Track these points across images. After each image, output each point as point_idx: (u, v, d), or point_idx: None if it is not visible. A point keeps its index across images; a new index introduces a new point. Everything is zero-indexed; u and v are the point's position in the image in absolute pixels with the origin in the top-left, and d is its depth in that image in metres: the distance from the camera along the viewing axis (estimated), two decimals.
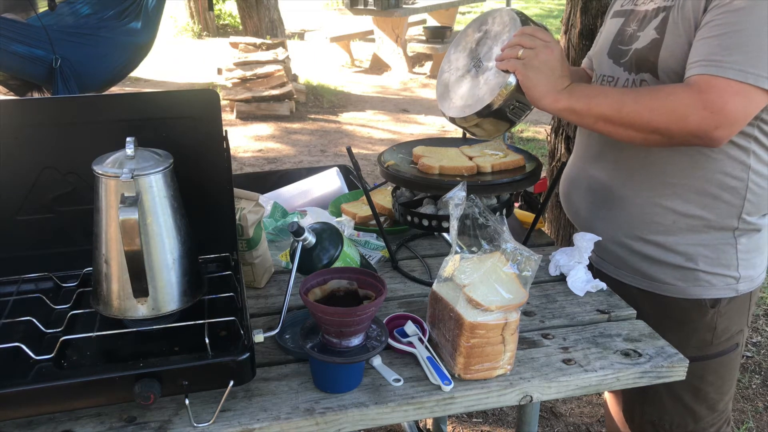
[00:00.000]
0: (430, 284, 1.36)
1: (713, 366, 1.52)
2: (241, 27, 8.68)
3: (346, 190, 2.10)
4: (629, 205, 1.48)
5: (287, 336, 1.29)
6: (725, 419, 1.59)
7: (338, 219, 1.79)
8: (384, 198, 1.83)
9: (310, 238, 1.29)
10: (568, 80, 1.35)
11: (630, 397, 1.63)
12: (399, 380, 1.18)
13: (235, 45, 7.24)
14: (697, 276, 1.45)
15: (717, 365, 1.52)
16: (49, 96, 4.61)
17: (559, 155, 3.00)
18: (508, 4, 4.22)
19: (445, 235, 1.73)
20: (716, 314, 1.47)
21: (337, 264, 1.31)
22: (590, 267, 1.62)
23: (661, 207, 1.44)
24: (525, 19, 1.43)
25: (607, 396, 1.84)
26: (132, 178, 1.09)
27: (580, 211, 1.63)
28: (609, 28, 1.58)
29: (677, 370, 1.25)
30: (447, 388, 1.16)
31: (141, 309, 1.15)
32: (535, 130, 6.36)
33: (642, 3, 1.48)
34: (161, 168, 1.15)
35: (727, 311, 1.47)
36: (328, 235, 1.33)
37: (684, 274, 1.46)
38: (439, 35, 8.30)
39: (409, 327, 1.30)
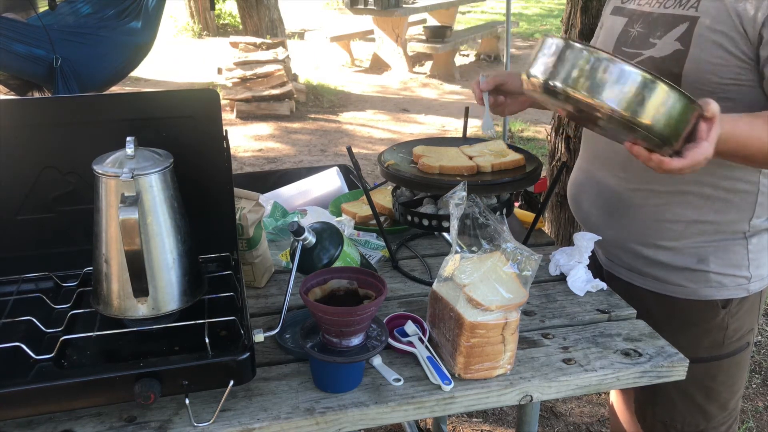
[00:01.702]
0: (430, 284, 1.36)
1: (725, 365, 1.51)
2: (241, 26, 8.68)
3: (346, 190, 2.10)
4: (640, 212, 1.47)
5: (287, 336, 1.30)
6: (735, 417, 1.59)
7: (338, 218, 1.79)
8: (384, 198, 1.83)
9: (310, 238, 1.30)
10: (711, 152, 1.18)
11: (641, 398, 1.62)
12: (399, 380, 1.18)
13: (235, 45, 7.23)
14: (708, 277, 1.44)
15: (729, 365, 1.51)
16: (50, 96, 4.61)
17: (559, 155, 3.00)
18: (508, 3, 4.20)
19: (445, 234, 1.73)
20: (727, 315, 1.46)
21: (338, 264, 1.31)
22: (599, 269, 1.62)
23: (672, 214, 1.43)
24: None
25: (614, 398, 1.84)
26: (132, 177, 1.09)
27: (590, 216, 1.61)
28: (610, 26, 1.53)
29: (677, 369, 1.25)
30: (447, 388, 1.16)
31: (141, 309, 1.15)
32: (535, 129, 6.36)
33: (646, 4, 1.44)
34: (161, 168, 1.15)
35: (738, 311, 1.47)
36: (329, 234, 1.33)
37: (695, 276, 1.45)
38: (439, 35, 8.30)
39: (409, 327, 1.30)
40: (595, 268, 1.60)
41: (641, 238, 1.49)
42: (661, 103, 1.09)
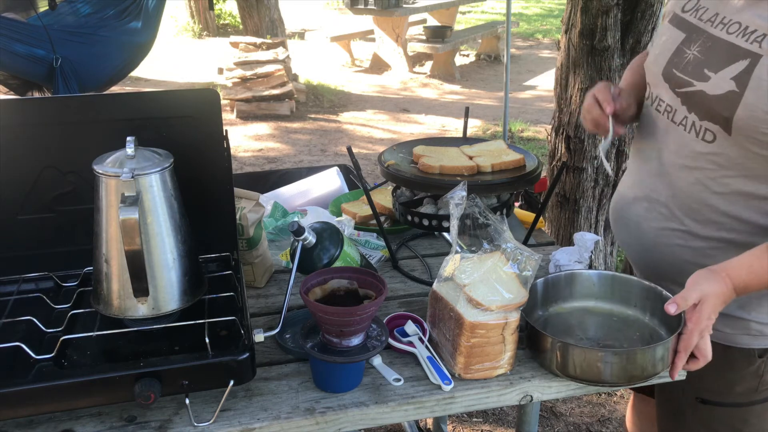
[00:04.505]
0: (430, 284, 1.36)
1: (758, 411, 1.41)
2: (241, 26, 8.67)
3: (346, 190, 2.11)
4: (679, 253, 1.35)
5: (287, 335, 1.30)
6: None
7: (338, 218, 1.79)
8: (384, 197, 1.83)
9: (311, 238, 1.30)
10: (733, 291, 1.19)
11: (664, 428, 1.54)
12: (399, 380, 1.18)
13: (235, 44, 7.23)
14: (748, 325, 1.34)
15: (762, 410, 1.41)
16: (50, 95, 4.61)
17: (559, 155, 3.00)
18: (508, 3, 4.19)
19: (445, 234, 1.73)
20: (764, 363, 1.37)
21: (338, 263, 1.31)
22: None
23: (713, 260, 1.28)
24: None
25: (630, 426, 1.82)
26: (132, 177, 1.09)
27: (630, 247, 1.50)
28: (667, 37, 1.37)
29: None
30: (447, 388, 1.16)
31: (141, 308, 1.15)
32: (535, 129, 6.35)
33: (708, 21, 1.28)
34: (161, 167, 1.15)
35: None
36: (329, 234, 1.33)
37: (733, 322, 1.34)
38: (439, 35, 8.29)
39: (410, 326, 1.30)
40: None
41: (679, 278, 1.32)
42: (642, 363, 1.17)
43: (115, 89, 5.78)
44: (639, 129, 1.48)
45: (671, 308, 1.17)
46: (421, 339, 1.27)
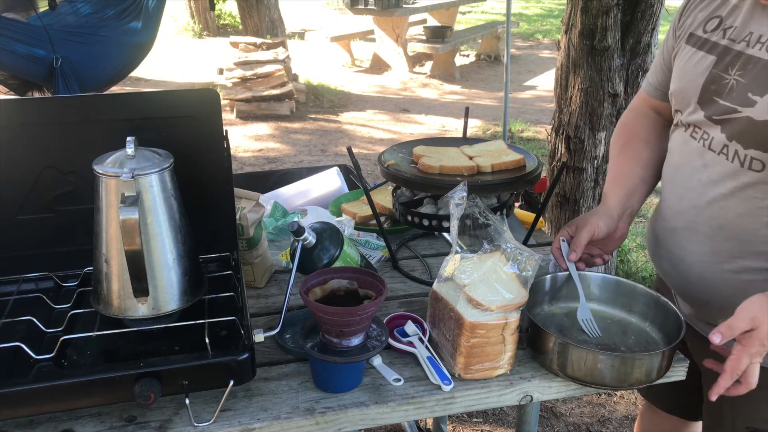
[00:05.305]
0: (430, 284, 1.36)
1: None
2: (241, 27, 8.68)
3: (347, 190, 2.11)
4: (729, 296, 1.22)
5: (287, 336, 1.30)
6: None
7: (338, 218, 1.79)
8: (384, 198, 1.83)
9: (311, 238, 1.30)
10: None
11: None
12: (399, 380, 1.18)
13: (235, 45, 7.23)
14: None
15: None
16: (50, 95, 4.61)
17: (559, 155, 3.00)
18: (508, 3, 4.19)
19: (445, 234, 1.73)
20: None
21: (338, 264, 1.31)
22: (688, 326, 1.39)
23: (762, 288, 1.18)
24: None
25: None
26: (132, 177, 1.09)
27: (671, 279, 1.42)
28: (693, 63, 1.28)
29: (677, 370, 1.25)
30: (447, 388, 1.16)
31: (141, 308, 1.15)
32: (535, 130, 6.35)
33: (743, 41, 1.20)
34: (161, 167, 1.15)
35: None
36: (329, 234, 1.33)
37: None
38: (439, 35, 8.30)
39: (410, 327, 1.30)
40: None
41: (730, 311, 1.17)
42: (643, 368, 1.17)
43: (115, 89, 5.78)
44: (671, 155, 1.39)
45: (716, 338, 1.08)
46: (421, 339, 1.27)
